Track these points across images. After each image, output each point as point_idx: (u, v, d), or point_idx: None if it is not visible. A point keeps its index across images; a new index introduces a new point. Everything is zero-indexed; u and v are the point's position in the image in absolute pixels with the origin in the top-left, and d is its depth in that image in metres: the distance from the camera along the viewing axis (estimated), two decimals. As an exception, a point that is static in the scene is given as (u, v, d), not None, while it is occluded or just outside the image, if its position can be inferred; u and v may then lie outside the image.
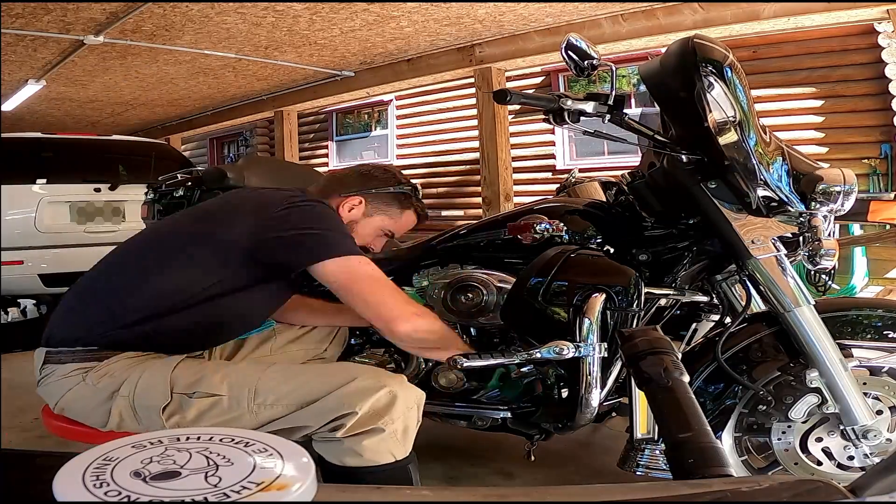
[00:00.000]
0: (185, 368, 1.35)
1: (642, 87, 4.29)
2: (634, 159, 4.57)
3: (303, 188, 1.59)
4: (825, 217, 1.50)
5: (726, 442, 1.60)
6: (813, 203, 1.48)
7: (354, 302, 1.44)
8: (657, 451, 1.53)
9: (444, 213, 7.46)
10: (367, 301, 1.43)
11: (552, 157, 6.84)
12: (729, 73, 1.50)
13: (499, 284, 1.73)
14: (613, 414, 1.83)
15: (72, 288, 1.50)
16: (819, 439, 1.55)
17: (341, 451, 1.28)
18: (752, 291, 1.57)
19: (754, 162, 1.47)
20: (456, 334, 1.65)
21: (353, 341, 2.03)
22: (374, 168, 1.74)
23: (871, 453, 1.49)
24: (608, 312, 1.52)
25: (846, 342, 1.54)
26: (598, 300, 1.50)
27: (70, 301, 1.47)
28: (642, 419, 1.38)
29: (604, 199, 1.87)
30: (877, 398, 1.54)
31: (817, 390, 1.50)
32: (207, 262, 1.42)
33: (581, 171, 2.47)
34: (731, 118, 1.48)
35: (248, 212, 1.45)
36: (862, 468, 1.52)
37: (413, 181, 1.77)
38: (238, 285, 1.43)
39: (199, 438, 0.39)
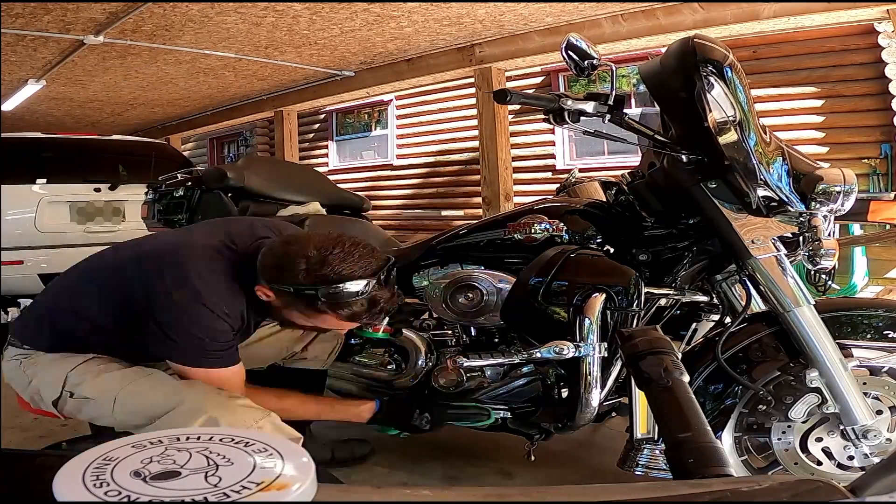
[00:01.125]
0: (82, 368, 1.48)
1: (642, 87, 4.28)
2: (634, 159, 4.57)
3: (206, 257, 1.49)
4: (825, 217, 1.50)
5: (726, 442, 1.60)
6: (813, 203, 1.48)
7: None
8: (657, 451, 1.53)
9: (444, 213, 7.46)
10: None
11: (552, 157, 6.83)
12: (729, 73, 1.50)
13: (499, 284, 1.73)
14: (613, 414, 1.83)
15: (38, 295, 1.67)
16: (819, 439, 1.55)
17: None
18: (752, 291, 1.57)
19: (754, 162, 1.47)
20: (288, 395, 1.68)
21: (352, 341, 2.03)
22: (294, 257, 1.38)
23: (871, 453, 1.49)
24: (608, 312, 1.53)
25: (846, 342, 1.54)
26: (598, 300, 1.50)
27: (32, 305, 1.65)
28: (642, 419, 1.38)
29: (604, 199, 1.86)
30: (877, 398, 1.54)
31: (817, 390, 1.50)
32: (108, 302, 1.50)
33: (581, 171, 2.47)
34: (731, 118, 1.48)
35: (138, 278, 1.47)
36: (862, 468, 1.52)
37: (367, 279, 1.38)
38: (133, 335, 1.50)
39: (199, 438, 0.39)
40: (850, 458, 1.53)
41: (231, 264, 1.47)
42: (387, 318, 1.77)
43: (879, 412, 1.52)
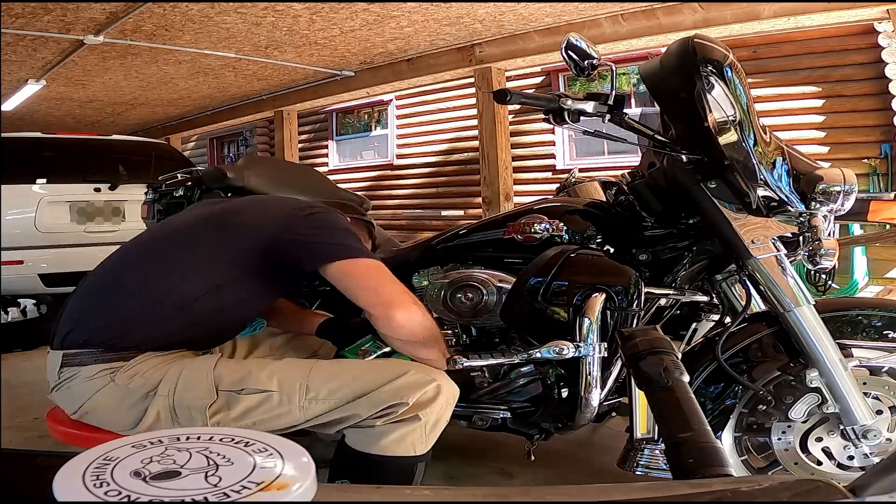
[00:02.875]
0: (226, 366, 1.37)
1: (642, 87, 4.29)
2: (634, 159, 4.57)
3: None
4: (825, 217, 1.50)
5: (726, 442, 1.60)
6: (813, 203, 1.48)
7: (357, 293, 1.44)
8: (657, 451, 1.53)
9: (444, 213, 7.46)
10: (369, 288, 1.43)
11: (552, 157, 6.84)
12: (729, 73, 1.50)
13: (499, 284, 1.73)
14: (613, 414, 1.83)
15: (79, 288, 1.48)
16: (819, 439, 1.55)
17: (367, 438, 1.33)
18: (752, 291, 1.57)
19: (754, 162, 1.47)
20: (443, 338, 1.62)
21: (352, 341, 2.03)
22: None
23: (871, 453, 1.49)
24: (608, 312, 1.53)
25: (846, 342, 1.54)
26: (598, 300, 1.50)
27: (82, 302, 1.44)
28: (642, 419, 1.37)
29: (604, 199, 1.86)
30: (877, 398, 1.54)
31: (817, 390, 1.50)
32: (214, 259, 1.43)
33: (581, 171, 2.47)
34: (731, 118, 1.48)
35: (272, 213, 1.48)
36: (862, 468, 1.52)
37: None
38: (241, 281, 1.44)
39: (199, 438, 0.39)
40: (850, 458, 1.53)
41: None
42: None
43: (879, 412, 1.52)
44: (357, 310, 1.99)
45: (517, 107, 5.69)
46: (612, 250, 1.72)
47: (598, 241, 1.74)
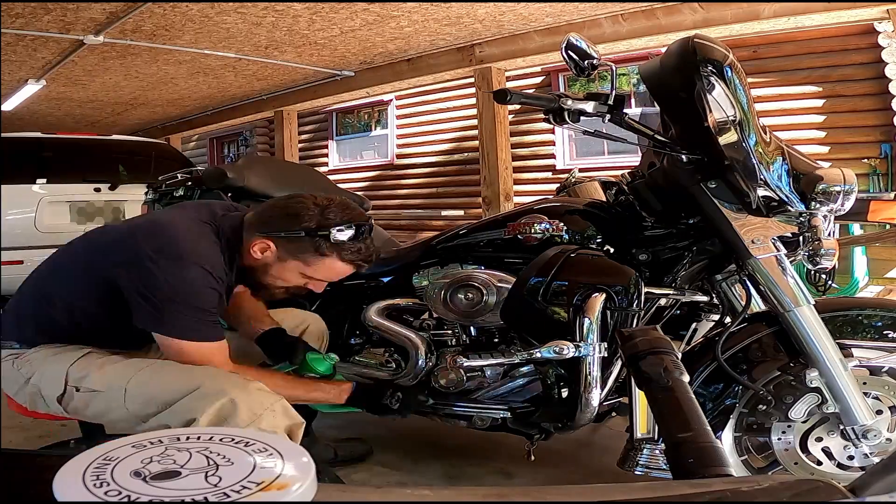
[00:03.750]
0: (82, 362, 1.46)
1: (642, 87, 4.29)
2: (634, 159, 4.56)
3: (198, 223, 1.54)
4: (825, 217, 1.50)
5: (726, 442, 1.60)
6: (813, 203, 1.48)
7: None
8: (657, 451, 1.53)
9: (444, 213, 7.46)
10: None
11: (552, 157, 6.83)
12: (729, 73, 1.50)
13: (499, 284, 1.73)
14: (613, 414, 1.83)
15: (21, 285, 1.64)
16: (819, 439, 1.55)
17: None
18: (752, 291, 1.57)
19: (754, 161, 1.47)
20: (285, 378, 1.62)
21: (352, 341, 2.03)
22: (301, 205, 1.51)
23: (871, 453, 1.49)
24: (608, 312, 1.53)
25: (846, 342, 1.54)
26: (598, 300, 1.50)
27: (11, 302, 1.61)
28: (642, 419, 1.37)
29: (604, 199, 1.87)
30: (877, 398, 1.54)
31: (817, 390, 1.50)
32: (84, 279, 1.50)
33: (581, 171, 2.47)
34: (731, 118, 1.48)
35: (121, 256, 1.46)
36: (862, 468, 1.52)
37: (363, 223, 1.53)
38: (104, 303, 1.48)
39: (199, 438, 0.39)
40: (850, 458, 1.53)
41: (211, 230, 1.51)
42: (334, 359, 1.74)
43: (879, 412, 1.52)
44: (356, 311, 2.00)
45: (517, 107, 5.69)
46: (612, 250, 1.73)
47: (598, 241, 1.74)
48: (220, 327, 1.52)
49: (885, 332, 1.55)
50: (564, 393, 1.63)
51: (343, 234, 1.48)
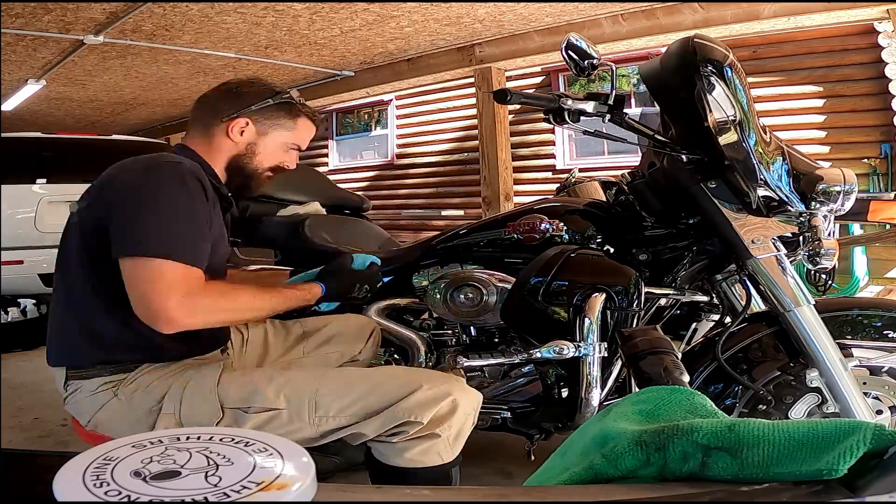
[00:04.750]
0: (230, 381, 1.30)
1: (642, 87, 4.29)
2: (634, 159, 4.57)
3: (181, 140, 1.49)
4: (825, 217, 1.50)
5: (726, 442, 1.59)
6: (813, 203, 1.48)
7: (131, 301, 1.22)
8: (657, 451, 1.53)
9: (444, 212, 7.46)
10: (136, 297, 1.20)
11: (552, 157, 6.84)
12: (729, 73, 1.50)
13: (499, 284, 1.73)
14: (613, 414, 1.83)
15: (52, 306, 1.41)
16: (819, 439, 1.55)
17: (391, 452, 1.31)
18: (752, 291, 1.57)
19: (754, 161, 1.47)
20: (244, 290, 1.41)
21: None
22: (241, 83, 1.49)
23: (871, 453, 1.48)
24: (608, 312, 1.52)
25: (846, 342, 1.54)
26: (598, 300, 1.50)
27: (56, 322, 1.37)
28: (642, 419, 1.37)
29: (604, 199, 1.87)
30: (877, 398, 1.54)
31: (817, 390, 1.50)
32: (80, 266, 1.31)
33: (581, 171, 2.47)
34: (731, 118, 1.48)
35: (94, 209, 1.30)
36: (862, 468, 1.52)
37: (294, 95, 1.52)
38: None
39: (199, 438, 0.39)
40: (850, 458, 1.52)
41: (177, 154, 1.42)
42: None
43: (879, 412, 1.52)
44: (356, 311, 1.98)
45: (517, 107, 5.69)
46: (612, 250, 1.73)
47: (599, 241, 1.74)
48: (206, 252, 1.29)
49: (885, 332, 1.55)
50: (564, 393, 1.63)
51: (294, 95, 1.49)
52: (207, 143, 1.47)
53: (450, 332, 1.88)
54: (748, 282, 1.57)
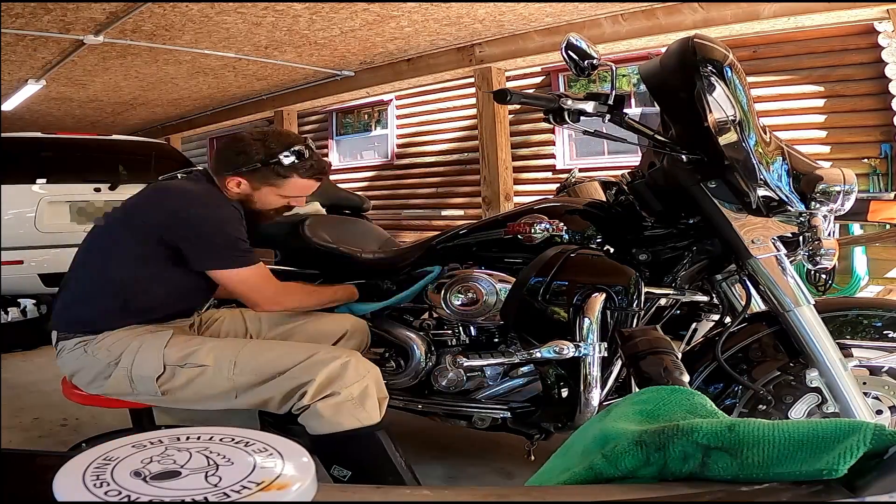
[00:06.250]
0: (175, 344, 1.60)
1: (642, 87, 4.29)
2: (634, 159, 4.57)
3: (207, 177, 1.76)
4: (825, 217, 1.50)
5: (726, 442, 1.59)
6: (813, 203, 1.48)
7: (240, 298, 1.73)
8: (657, 451, 1.53)
9: (444, 212, 7.46)
10: (245, 295, 1.69)
11: (552, 157, 6.83)
12: (729, 73, 1.50)
13: (499, 284, 1.73)
14: (613, 414, 1.83)
15: (62, 281, 1.76)
16: (819, 439, 1.55)
17: (313, 417, 1.50)
18: (752, 291, 1.57)
19: (754, 161, 1.47)
20: (320, 288, 1.95)
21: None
22: (244, 143, 1.71)
23: (871, 453, 1.48)
24: (608, 312, 1.53)
25: (846, 342, 1.54)
26: (598, 300, 1.50)
27: (63, 293, 1.73)
28: (642, 419, 1.37)
29: (604, 199, 1.87)
30: (877, 398, 1.54)
31: (817, 390, 1.50)
32: (127, 249, 1.64)
33: (581, 171, 2.47)
34: (731, 118, 1.48)
35: (160, 210, 1.64)
36: (862, 468, 1.52)
37: (301, 144, 1.71)
38: (154, 266, 1.63)
39: (199, 438, 0.39)
40: (850, 457, 1.52)
41: (205, 181, 1.73)
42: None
43: (879, 412, 1.52)
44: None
45: (517, 107, 5.69)
46: (612, 250, 1.73)
47: (598, 241, 1.74)
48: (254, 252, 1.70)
49: (885, 332, 1.55)
50: (564, 393, 1.63)
51: (289, 159, 1.67)
52: (217, 182, 1.75)
53: (450, 332, 1.88)
54: (748, 282, 1.57)
